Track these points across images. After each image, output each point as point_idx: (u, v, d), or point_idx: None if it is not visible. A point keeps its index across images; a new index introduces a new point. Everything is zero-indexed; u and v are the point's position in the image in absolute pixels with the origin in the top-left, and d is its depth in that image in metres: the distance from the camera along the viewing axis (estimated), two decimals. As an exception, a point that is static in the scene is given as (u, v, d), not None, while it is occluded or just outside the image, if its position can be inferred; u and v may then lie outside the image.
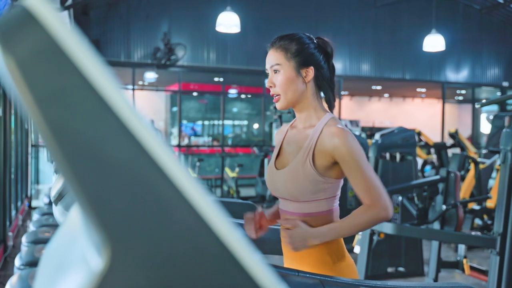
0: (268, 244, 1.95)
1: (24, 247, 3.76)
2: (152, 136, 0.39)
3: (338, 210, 1.64)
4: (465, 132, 12.99)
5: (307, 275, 1.14)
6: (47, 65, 0.38)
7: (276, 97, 1.62)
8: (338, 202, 1.64)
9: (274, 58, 1.61)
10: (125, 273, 0.37)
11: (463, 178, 6.48)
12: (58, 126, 0.38)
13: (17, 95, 0.38)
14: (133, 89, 10.19)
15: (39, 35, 0.38)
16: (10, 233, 5.75)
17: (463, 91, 14.79)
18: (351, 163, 1.51)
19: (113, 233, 0.38)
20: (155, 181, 0.39)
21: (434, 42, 9.45)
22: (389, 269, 5.04)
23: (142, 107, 12.54)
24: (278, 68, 1.61)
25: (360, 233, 4.56)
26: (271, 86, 1.63)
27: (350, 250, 4.84)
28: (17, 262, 3.29)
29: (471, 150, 7.85)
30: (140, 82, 12.51)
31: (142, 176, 0.39)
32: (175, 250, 0.38)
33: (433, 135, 11.10)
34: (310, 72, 1.61)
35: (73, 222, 0.62)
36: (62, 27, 0.39)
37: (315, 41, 1.65)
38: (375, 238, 4.46)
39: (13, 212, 6.69)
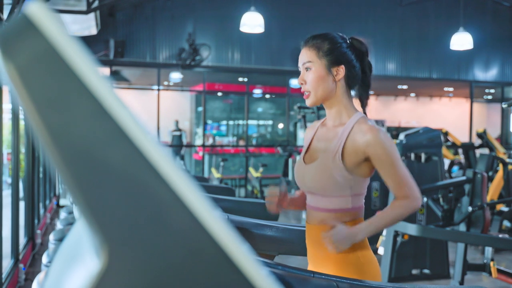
0: (290, 245, 1.95)
1: (51, 245, 3.84)
2: (149, 141, 0.39)
3: (363, 208, 1.66)
4: (494, 132, 12.71)
5: (323, 277, 1.14)
6: (46, 72, 0.39)
7: (306, 93, 1.66)
8: (364, 200, 1.66)
9: (306, 56, 1.65)
10: (121, 275, 0.38)
11: (491, 179, 6.35)
12: (57, 130, 0.38)
13: (18, 100, 0.39)
14: (159, 90, 10.30)
15: (39, 43, 0.39)
16: (38, 231, 5.88)
17: (492, 90, 14.47)
18: (385, 159, 1.54)
19: (110, 236, 0.38)
20: (152, 185, 0.39)
21: (461, 41, 9.27)
22: (414, 271, 4.97)
23: (168, 107, 12.67)
24: (309, 66, 1.64)
25: (384, 234, 4.51)
26: (302, 83, 1.67)
27: (374, 251, 4.78)
28: (45, 259, 3.36)
29: (500, 151, 7.67)
30: (166, 83, 12.63)
31: (139, 180, 0.39)
32: (172, 253, 0.39)
33: (461, 135, 10.89)
34: (341, 71, 1.64)
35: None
36: (61, 34, 0.40)
37: (348, 41, 1.68)
38: (399, 239, 4.40)
39: (42, 211, 6.84)
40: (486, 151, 8.04)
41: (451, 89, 14.46)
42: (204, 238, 0.40)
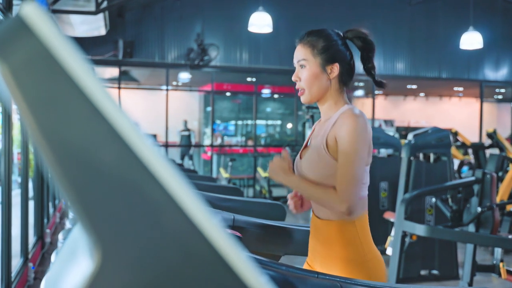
0: (297, 246, 1.95)
1: (60, 244, 3.87)
2: (142, 141, 0.40)
3: (365, 199, 1.62)
4: (504, 132, 12.62)
5: (327, 277, 1.14)
6: (40, 73, 0.40)
7: (301, 91, 1.67)
8: (367, 192, 1.63)
9: (301, 53, 1.65)
10: (114, 276, 0.38)
11: (501, 180, 6.30)
12: (50, 131, 0.39)
13: (12, 101, 0.40)
14: (167, 90, 10.33)
15: (32, 44, 0.40)
16: (48, 230, 5.92)
17: (503, 90, 14.36)
18: (342, 146, 1.52)
19: (104, 237, 0.38)
20: (145, 185, 0.39)
21: (471, 40, 9.20)
22: (422, 272, 4.94)
23: (176, 107, 12.71)
24: (304, 63, 1.64)
25: (392, 234, 4.49)
26: (296, 80, 1.68)
27: (383, 252, 4.77)
28: (54, 258, 3.38)
29: (510, 151, 7.61)
30: (174, 83, 12.66)
31: (132, 181, 0.39)
32: (165, 253, 0.39)
33: (470, 135, 10.81)
34: (335, 69, 1.63)
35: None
36: (55, 35, 0.40)
37: (343, 38, 1.67)
38: (407, 240, 4.38)
39: (51, 210, 6.89)
40: (496, 151, 7.98)
41: (461, 88, 14.37)
42: (199, 240, 0.40)
